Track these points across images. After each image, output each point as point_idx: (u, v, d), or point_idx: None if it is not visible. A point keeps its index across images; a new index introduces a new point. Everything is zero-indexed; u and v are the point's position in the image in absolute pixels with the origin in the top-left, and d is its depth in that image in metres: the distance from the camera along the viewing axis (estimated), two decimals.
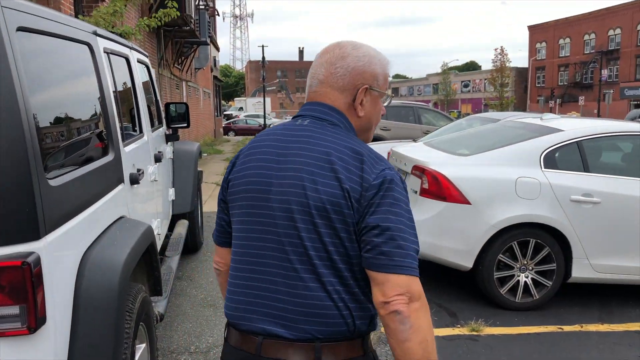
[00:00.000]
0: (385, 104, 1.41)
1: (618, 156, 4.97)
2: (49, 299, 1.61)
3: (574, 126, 4.69)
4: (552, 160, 4.42)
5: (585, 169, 4.42)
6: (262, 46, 40.08)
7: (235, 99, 64.82)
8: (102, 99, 2.39)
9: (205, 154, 16.58)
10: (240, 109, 54.29)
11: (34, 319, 1.52)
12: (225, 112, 49.06)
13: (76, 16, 7.13)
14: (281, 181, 1.27)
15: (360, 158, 1.23)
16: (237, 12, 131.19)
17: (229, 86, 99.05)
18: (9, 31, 1.55)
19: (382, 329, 1.20)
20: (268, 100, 48.23)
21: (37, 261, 1.54)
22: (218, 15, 28.22)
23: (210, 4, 23.25)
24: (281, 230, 1.26)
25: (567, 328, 4.04)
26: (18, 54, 1.58)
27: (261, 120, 36.35)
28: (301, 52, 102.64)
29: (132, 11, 10.48)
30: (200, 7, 17.90)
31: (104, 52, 2.57)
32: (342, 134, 1.29)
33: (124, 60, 3.09)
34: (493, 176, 4.36)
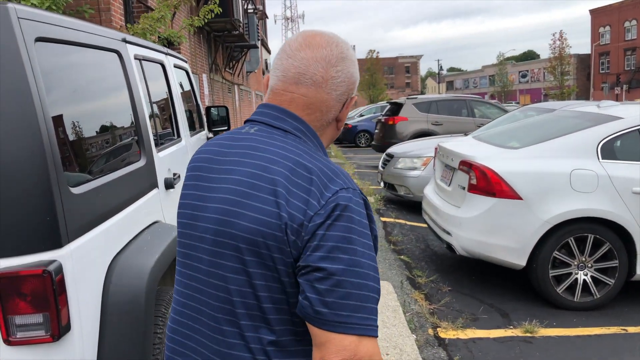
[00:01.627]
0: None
1: None
2: (74, 307, 1.62)
3: (635, 112, 4.37)
4: (610, 150, 4.14)
5: None
6: None
7: None
8: (133, 105, 2.41)
9: None
10: None
11: (57, 327, 1.54)
12: None
13: (125, 25, 7.35)
14: (208, 205, 1.03)
15: (308, 177, 0.95)
16: (289, 14, 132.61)
17: None
18: (26, 42, 1.57)
19: None
20: None
21: (59, 269, 1.55)
22: (267, 18, 28.54)
23: (260, 7, 23.55)
24: (205, 269, 1.03)
25: (631, 329, 3.76)
26: (36, 63, 1.60)
27: None
28: (353, 49, 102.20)
29: (182, 16, 10.71)
30: (249, 10, 18.15)
31: (135, 58, 2.60)
32: (294, 144, 1.02)
33: (158, 66, 3.13)
34: (545, 169, 4.13)
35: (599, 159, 4.11)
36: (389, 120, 12.76)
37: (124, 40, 2.48)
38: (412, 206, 7.37)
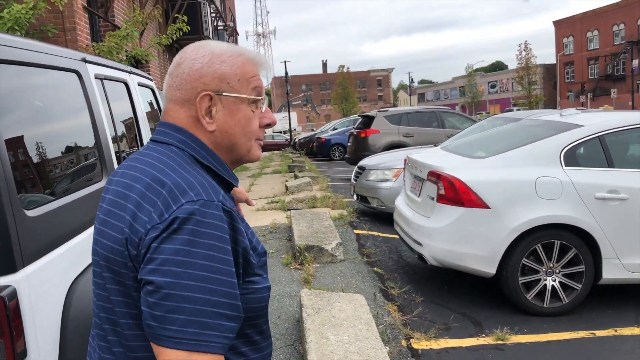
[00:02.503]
0: (263, 109, 1.12)
1: None
2: (30, 332, 1.58)
3: (595, 120, 4.50)
4: (573, 157, 4.25)
5: (610, 164, 4.22)
6: (285, 62, 40.39)
7: None
8: (94, 125, 2.38)
9: None
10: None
11: (12, 354, 1.49)
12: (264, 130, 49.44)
13: (92, 44, 7.28)
14: (96, 227, 1.06)
15: (159, 191, 0.93)
16: (260, 30, 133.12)
17: None
18: None
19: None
20: (294, 114, 48.53)
21: (13, 294, 1.51)
22: (238, 34, 28.59)
23: (230, 24, 23.58)
24: (94, 299, 1.06)
25: (600, 333, 3.83)
26: None
27: (287, 136, 36.52)
28: (324, 64, 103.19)
29: (150, 34, 10.66)
30: (219, 27, 18.16)
31: (96, 78, 2.57)
32: (162, 159, 1.00)
33: (122, 85, 3.10)
34: (511, 178, 4.21)
35: (562, 166, 4.20)
36: (361, 133, 12.87)
37: (84, 60, 2.45)
38: (385, 218, 7.41)
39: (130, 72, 3.36)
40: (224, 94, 1.04)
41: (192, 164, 1.01)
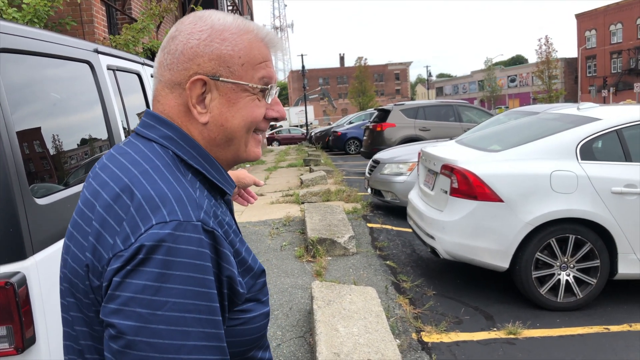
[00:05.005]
0: (269, 101, 0.92)
1: None
2: (40, 318, 1.61)
3: (612, 114, 4.42)
4: (589, 151, 4.18)
5: (627, 158, 4.16)
6: (302, 55, 40.35)
7: None
8: (106, 115, 2.41)
9: (249, 165, 16.80)
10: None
11: (22, 340, 1.52)
12: (270, 123, 49.61)
13: (109, 37, 7.35)
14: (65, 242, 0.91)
15: (127, 205, 0.77)
16: (277, 23, 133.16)
17: None
18: None
19: None
20: (310, 108, 48.54)
21: (22, 281, 1.54)
22: None
23: (247, 17, 23.62)
24: (61, 309, 0.92)
25: (614, 328, 3.78)
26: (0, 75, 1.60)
27: (304, 130, 36.54)
28: (342, 58, 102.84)
29: (167, 27, 10.72)
30: None
31: (108, 69, 2.60)
32: (141, 162, 0.82)
33: (134, 76, 3.13)
34: (526, 171, 4.16)
35: (578, 160, 4.14)
36: (377, 126, 12.82)
37: (96, 51, 2.48)
38: (399, 211, 7.39)
39: (143, 64, 3.39)
40: (221, 79, 0.86)
41: (176, 167, 0.83)
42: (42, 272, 1.64)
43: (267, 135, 35.64)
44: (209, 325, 0.74)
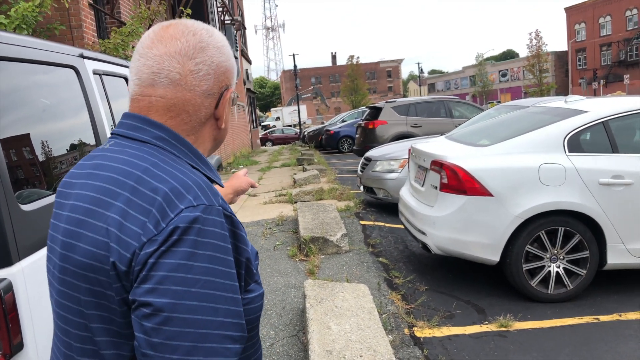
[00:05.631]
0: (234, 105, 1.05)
1: None
2: (27, 324, 1.62)
3: (599, 106, 4.46)
4: (576, 143, 4.22)
5: (614, 149, 4.20)
6: (293, 55, 40.34)
7: (272, 109, 65.52)
8: (93, 120, 2.42)
9: (242, 166, 16.81)
10: (277, 118, 54.83)
11: (9, 346, 1.53)
12: (262, 123, 49.71)
13: (98, 41, 7.33)
14: (56, 235, 0.92)
15: (151, 197, 0.81)
16: (269, 24, 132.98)
17: (265, 97, 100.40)
18: None
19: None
20: (303, 107, 48.55)
21: (9, 287, 1.55)
22: (245, 28, 28.58)
23: (238, 18, 23.57)
24: (55, 307, 0.93)
25: (604, 318, 3.82)
26: None
27: (297, 129, 36.55)
28: (334, 56, 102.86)
29: None
30: (226, 22, 18.17)
31: (94, 73, 2.61)
32: (145, 157, 0.87)
33: (122, 80, 3.14)
34: (514, 165, 4.19)
35: (565, 152, 4.18)
36: (369, 124, 12.85)
37: (81, 56, 2.49)
38: (391, 208, 7.42)
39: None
40: (230, 89, 0.98)
41: (178, 162, 0.89)
42: (29, 278, 1.65)
43: (260, 136, 35.59)
44: (233, 303, 0.80)
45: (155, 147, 0.89)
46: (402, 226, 5.71)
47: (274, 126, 44.87)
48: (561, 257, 4.14)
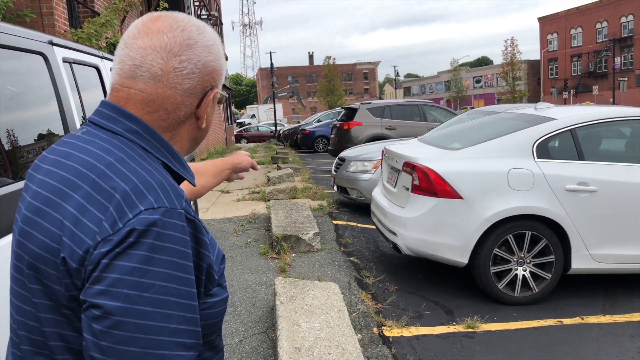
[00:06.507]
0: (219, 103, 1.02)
1: (615, 143, 4.83)
2: None
3: (567, 114, 4.57)
4: (545, 149, 4.31)
5: (580, 157, 4.30)
6: (270, 53, 40.19)
7: (247, 106, 65.15)
8: (61, 109, 2.37)
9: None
10: (253, 116, 54.54)
11: None
12: (237, 120, 49.40)
13: (70, 30, 7.18)
14: (17, 220, 0.90)
15: (110, 193, 0.78)
16: (246, 20, 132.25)
17: (241, 94, 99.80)
18: None
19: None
20: (280, 106, 48.41)
21: None
22: (222, 24, 28.35)
23: (215, 14, 23.38)
24: (10, 294, 0.91)
25: (567, 321, 3.92)
26: None
27: (273, 127, 36.44)
28: (311, 56, 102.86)
29: (132, 21, 10.56)
30: (203, 16, 18.00)
31: (64, 61, 2.55)
32: (111, 150, 0.84)
33: (93, 69, 3.08)
34: (484, 169, 4.26)
35: (534, 158, 4.27)
36: (344, 125, 12.90)
37: (51, 43, 2.43)
38: (364, 209, 7.46)
39: (102, 57, 3.33)
40: (216, 90, 0.96)
41: (148, 157, 0.86)
42: None
43: (235, 133, 35.35)
44: (188, 310, 0.78)
45: (126, 141, 0.87)
46: (374, 227, 5.75)
47: (249, 123, 44.63)
48: (528, 260, 4.23)
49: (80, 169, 0.82)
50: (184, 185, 1.43)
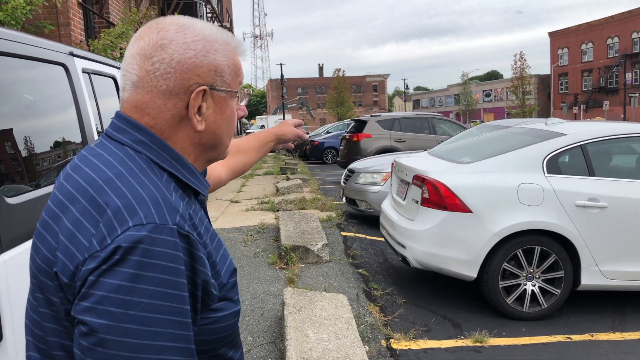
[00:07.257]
0: (244, 103, 1.01)
1: (625, 159, 4.83)
2: (7, 316, 1.62)
3: (577, 130, 4.58)
4: (555, 165, 4.32)
5: (591, 173, 4.30)
6: (281, 64, 40.54)
7: (257, 117, 65.49)
8: (80, 118, 2.42)
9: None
10: (262, 127, 54.78)
11: None
12: (247, 131, 49.66)
13: (87, 41, 7.31)
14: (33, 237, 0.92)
15: (103, 208, 0.78)
16: (257, 32, 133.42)
17: (251, 105, 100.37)
18: None
19: None
20: (289, 117, 48.60)
21: None
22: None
23: (227, 25, 23.62)
24: (28, 309, 0.93)
25: (576, 337, 3.90)
26: None
27: None
28: (321, 68, 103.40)
29: None
30: None
31: (83, 72, 2.61)
32: (113, 164, 0.84)
33: (110, 80, 3.14)
34: (494, 183, 4.28)
35: (544, 173, 4.28)
36: (353, 137, 12.94)
37: (71, 54, 2.50)
38: (373, 221, 7.47)
39: (119, 68, 3.40)
40: (217, 88, 0.90)
41: (151, 170, 0.85)
42: (11, 270, 1.65)
43: None
44: (178, 327, 0.77)
45: (132, 152, 0.86)
46: (382, 239, 5.76)
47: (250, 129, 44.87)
48: (537, 275, 4.22)
49: (81, 183, 0.82)
50: (222, 162, 1.42)
